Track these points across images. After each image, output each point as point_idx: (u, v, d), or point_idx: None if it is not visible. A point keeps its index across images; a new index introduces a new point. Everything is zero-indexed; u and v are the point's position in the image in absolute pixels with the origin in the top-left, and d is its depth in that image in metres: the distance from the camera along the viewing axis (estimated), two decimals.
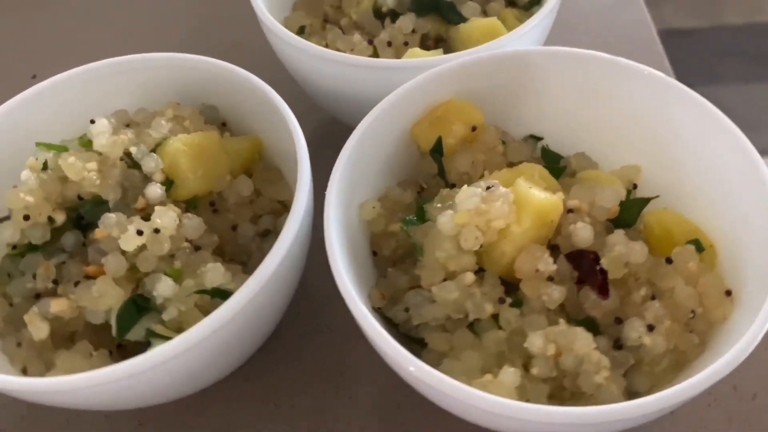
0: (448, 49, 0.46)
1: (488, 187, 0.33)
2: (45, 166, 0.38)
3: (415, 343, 0.35)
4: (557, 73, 0.40)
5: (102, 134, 0.37)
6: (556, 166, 0.40)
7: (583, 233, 0.34)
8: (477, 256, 0.34)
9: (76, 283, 0.35)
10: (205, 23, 0.66)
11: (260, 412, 0.41)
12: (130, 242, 0.34)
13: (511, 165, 0.40)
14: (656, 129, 0.39)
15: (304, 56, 0.43)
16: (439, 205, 0.35)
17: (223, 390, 0.40)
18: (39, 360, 0.35)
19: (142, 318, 0.35)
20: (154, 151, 0.38)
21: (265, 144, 0.42)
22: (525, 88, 0.41)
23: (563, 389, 0.32)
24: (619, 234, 0.34)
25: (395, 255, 0.38)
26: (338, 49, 0.46)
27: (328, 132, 0.53)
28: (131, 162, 0.38)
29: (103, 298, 0.34)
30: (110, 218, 0.35)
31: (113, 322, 0.34)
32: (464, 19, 0.46)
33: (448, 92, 0.40)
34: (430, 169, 0.39)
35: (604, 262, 0.33)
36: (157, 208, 0.35)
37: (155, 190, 0.36)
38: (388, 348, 0.30)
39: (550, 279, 0.33)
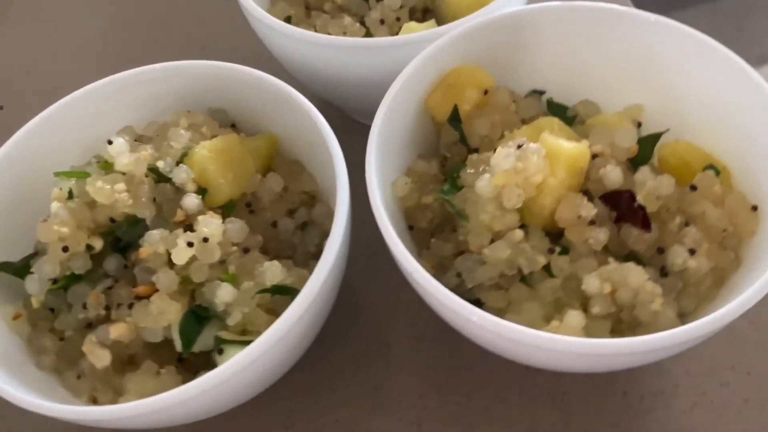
0: (438, 20, 0.47)
1: (519, 146, 0.35)
2: (70, 195, 0.37)
3: (471, 304, 0.37)
4: (552, 27, 0.42)
5: (122, 153, 0.37)
6: (570, 117, 0.41)
7: (613, 175, 0.35)
8: (518, 213, 0.35)
9: (130, 306, 0.35)
10: (181, 22, 0.65)
11: (319, 399, 0.42)
12: (181, 255, 0.34)
13: (524, 122, 0.41)
14: (650, 67, 0.41)
15: (301, 45, 0.43)
16: (471, 170, 0.36)
17: (280, 384, 0.41)
18: (107, 388, 0.35)
19: (204, 328, 0.35)
20: (180, 162, 0.37)
21: (280, 138, 0.43)
22: (524, 47, 0.42)
23: (621, 322, 0.34)
24: (645, 171, 0.36)
25: (432, 226, 0.39)
26: (329, 34, 0.46)
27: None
28: (157, 176, 0.38)
29: (163, 315, 0.34)
30: (154, 235, 0.35)
31: (176, 337, 0.35)
32: None
33: (454, 61, 0.41)
34: (451, 138, 0.40)
35: (640, 199, 0.35)
36: (200, 217, 0.35)
37: (192, 201, 0.36)
38: (454, 304, 0.31)
39: (592, 223, 0.34)
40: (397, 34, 0.45)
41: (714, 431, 0.39)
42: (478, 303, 0.36)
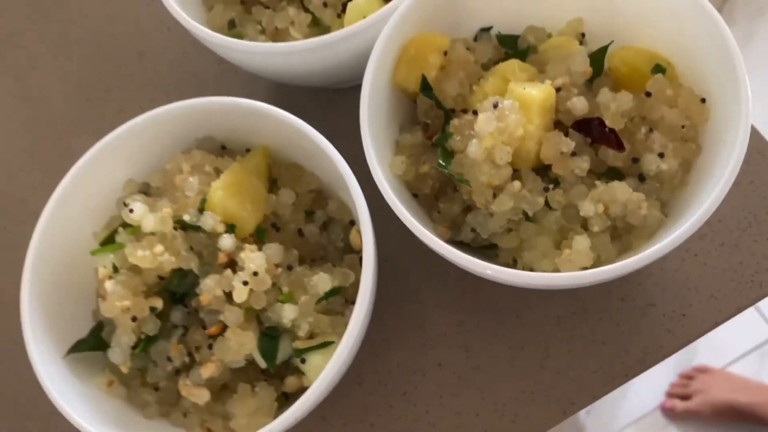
0: None
1: (495, 105, 0.39)
2: (115, 269, 0.40)
3: (489, 249, 0.42)
4: None
5: (146, 217, 0.40)
6: (523, 50, 0.45)
7: (579, 104, 0.40)
8: (509, 164, 0.40)
9: (210, 346, 0.40)
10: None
11: (376, 350, 0.48)
12: (241, 294, 0.38)
13: (484, 67, 0.45)
14: None
15: (253, 56, 0.45)
16: (458, 137, 0.41)
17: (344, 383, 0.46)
18: (214, 417, 0.41)
19: (279, 343, 0.40)
20: (201, 209, 0.41)
21: (271, 147, 0.45)
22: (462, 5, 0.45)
23: (617, 229, 0.40)
24: (605, 92, 0.40)
25: (434, 190, 0.43)
26: (277, 28, 0.47)
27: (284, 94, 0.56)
28: (181, 224, 0.41)
29: (242, 346, 0.39)
30: (209, 284, 0.39)
31: (258, 358, 0.40)
32: None
33: (408, 33, 0.43)
34: (427, 106, 0.43)
35: (608, 122, 0.39)
36: (242, 255, 0.39)
37: (227, 241, 0.40)
38: (471, 264, 0.37)
39: (573, 154, 0.39)
40: (342, 12, 0.47)
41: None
42: (493, 246, 0.42)
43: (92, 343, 0.42)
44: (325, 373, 0.36)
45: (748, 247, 0.48)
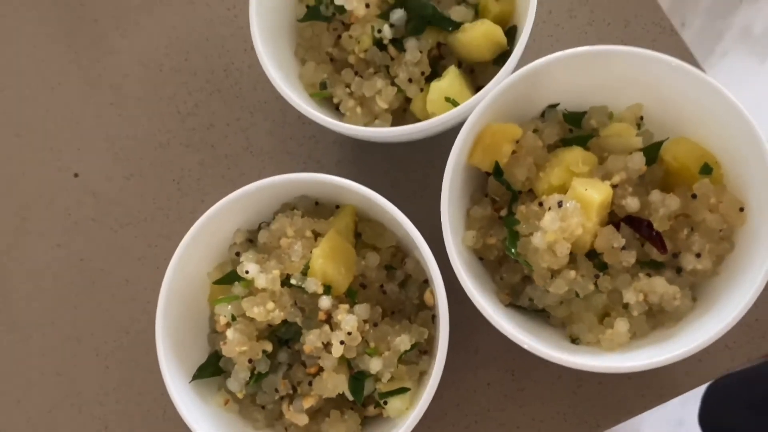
0: (452, 52, 0.53)
1: (559, 204, 0.45)
2: (233, 318, 0.49)
3: (542, 312, 0.50)
4: (563, 70, 0.49)
5: (259, 277, 0.48)
6: (584, 135, 0.50)
7: (632, 204, 0.46)
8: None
9: (310, 383, 0.49)
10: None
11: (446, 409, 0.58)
12: (338, 351, 0.47)
13: (549, 148, 0.50)
14: (646, 84, 0.49)
15: (349, 132, 0.51)
16: (524, 225, 0.47)
17: None
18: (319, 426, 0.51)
19: (365, 384, 0.49)
20: (305, 269, 0.49)
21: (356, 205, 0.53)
22: (538, 87, 0.50)
23: (651, 310, 0.48)
24: (656, 194, 0.46)
25: (498, 257, 0.51)
26: (363, 95, 0.53)
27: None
28: (287, 284, 0.49)
29: (336, 386, 0.48)
30: (312, 339, 0.47)
31: (347, 394, 0.49)
32: (457, 24, 0.52)
33: (486, 121, 0.49)
34: (497, 187, 0.50)
35: (656, 225, 0.46)
36: (339, 317, 0.47)
37: (326, 301, 0.48)
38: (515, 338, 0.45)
39: (622, 248, 0.46)
40: (425, 85, 0.52)
41: None
42: (546, 311, 0.50)
43: (212, 371, 0.51)
44: (410, 421, 0.46)
45: (765, 306, 0.55)
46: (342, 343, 0.47)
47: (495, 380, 0.58)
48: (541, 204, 0.47)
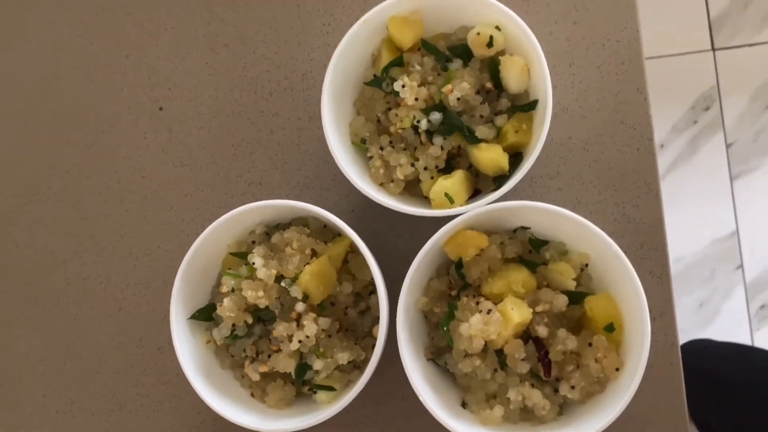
0: (467, 160, 0.66)
1: (488, 311, 0.60)
2: (232, 290, 0.66)
3: (451, 374, 0.66)
4: (532, 213, 0.62)
5: (261, 270, 0.64)
6: (536, 262, 0.64)
7: (542, 332, 0.60)
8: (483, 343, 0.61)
9: (269, 356, 0.66)
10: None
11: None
12: (296, 345, 0.63)
13: (507, 260, 0.64)
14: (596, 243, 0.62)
15: (363, 191, 0.65)
16: (460, 312, 0.62)
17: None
18: (258, 388, 0.68)
19: (306, 372, 0.66)
20: (295, 277, 0.64)
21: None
22: (513, 214, 0.63)
23: (525, 411, 0.62)
24: (562, 331, 0.60)
25: (437, 322, 0.65)
26: (388, 163, 0.66)
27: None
28: (279, 282, 0.65)
29: (286, 366, 0.65)
30: (280, 329, 0.64)
31: (293, 375, 0.66)
32: (479, 140, 0.64)
33: (464, 226, 0.62)
34: (455, 276, 0.64)
35: (551, 354, 0.60)
36: (305, 322, 0.63)
37: (301, 307, 0.64)
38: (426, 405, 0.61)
39: (522, 358, 0.61)
40: (436, 175, 0.65)
41: None
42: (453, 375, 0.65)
43: (205, 317, 0.68)
44: (328, 412, 0.62)
45: None
46: (300, 341, 0.63)
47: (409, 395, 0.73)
48: (478, 303, 0.61)
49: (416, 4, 0.66)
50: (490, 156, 0.63)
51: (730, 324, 1.86)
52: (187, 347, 0.67)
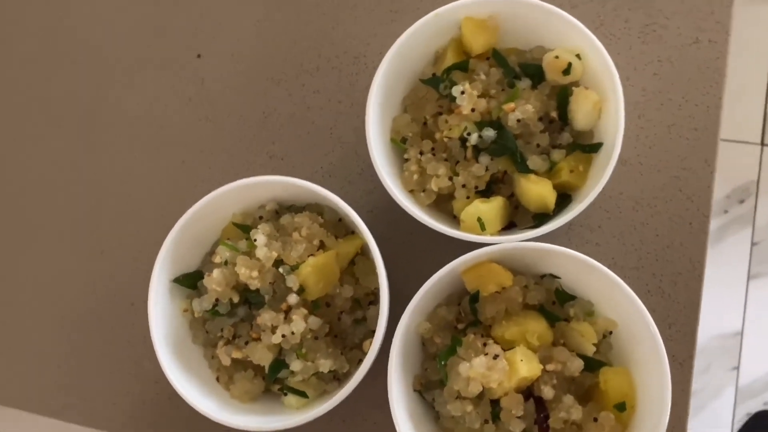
0: (510, 188, 0.60)
1: (495, 356, 0.54)
2: (225, 262, 0.60)
3: (436, 412, 0.59)
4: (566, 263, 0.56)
5: (261, 248, 0.58)
6: (558, 316, 0.58)
7: (547, 393, 0.54)
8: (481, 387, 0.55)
9: (246, 342, 0.60)
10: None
11: None
12: (278, 338, 0.57)
13: (527, 306, 0.58)
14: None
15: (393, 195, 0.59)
16: (463, 349, 0.56)
17: None
18: (226, 373, 0.62)
19: (281, 370, 0.60)
20: (295, 266, 0.58)
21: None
22: (542, 259, 0.57)
23: None
24: (569, 398, 0.54)
25: (435, 353, 0.59)
26: (424, 170, 0.61)
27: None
28: (278, 264, 0.59)
29: (262, 359, 0.59)
30: (265, 317, 0.58)
31: (267, 370, 0.60)
32: (529, 170, 0.58)
33: (488, 259, 0.57)
34: (467, 309, 0.58)
35: (551, 420, 0.54)
36: (294, 316, 0.57)
37: (294, 298, 0.58)
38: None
39: (519, 416, 0.55)
40: (472, 196, 0.59)
41: None
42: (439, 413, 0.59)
43: (190, 283, 0.63)
44: (294, 420, 0.56)
45: None
46: (284, 335, 0.57)
47: (383, 422, 0.67)
48: (485, 345, 0.55)
49: (496, 9, 0.61)
50: (537, 190, 0.57)
51: (711, 422, 1.80)
52: (161, 310, 0.61)
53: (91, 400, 0.73)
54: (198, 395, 0.59)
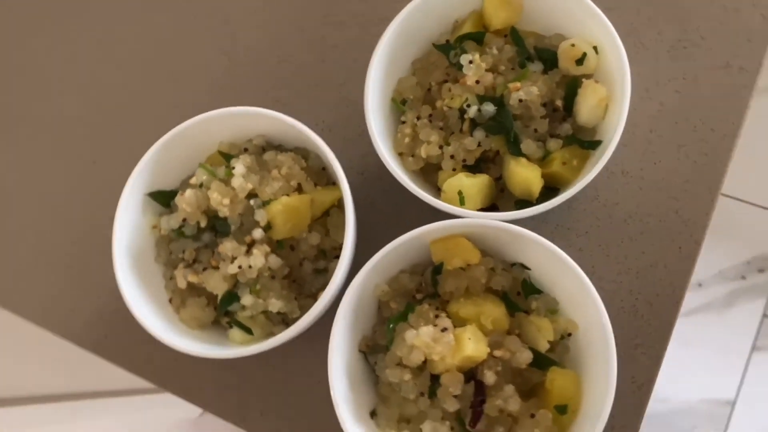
0: (499, 170, 0.58)
1: (443, 329, 0.52)
2: (201, 185, 0.59)
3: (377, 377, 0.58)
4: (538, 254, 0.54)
5: (238, 177, 0.58)
6: (518, 306, 0.56)
7: (488, 378, 0.52)
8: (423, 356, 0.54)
9: (205, 269, 0.59)
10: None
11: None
12: (234, 269, 0.56)
13: (490, 290, 0.56)
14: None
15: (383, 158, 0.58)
16: (413, 318, 0.54)
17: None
18: (179, 297, 0.61)
19: (233, 302, 0.59)
20: (267, 202, 0.57)
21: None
22: (519, 249, 0.55)
23: None
24: (509, 388, 0.52)
25: (387, 318, 0.58)
26: (417, 135, 0.59)
27: None
28: (251, 197, 0.58)
29: (216, 287, 0.58)
30: (228, 245, 0.57)
31: (219, 299, 0.59)
32: (521, 153, 0.57)
33: (461, 230, 0.55)
34: (428, 280, 0.57)
35: (486, 406, 0.52)
36: (256, 251, 0.56)
37: (259, 233, 0.57)
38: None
39: (455, 395, 0.53)
40: (456, 168, 0.58)
41: None
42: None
43: (164, 201, 0.62)
44: (234, 352, 0.55)
45: None
46: (240, 267, 0.56)
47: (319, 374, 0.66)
48: (437, 317, 0.54)
49: None
50: (525, 174, 0.56)
51: None
52: (130, 221, 0.61)
53: (51, 300, 0.72)
54: (147, 312, 0.59)
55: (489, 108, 0.57)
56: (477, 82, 0.57)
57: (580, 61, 0.57)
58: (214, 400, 0.67)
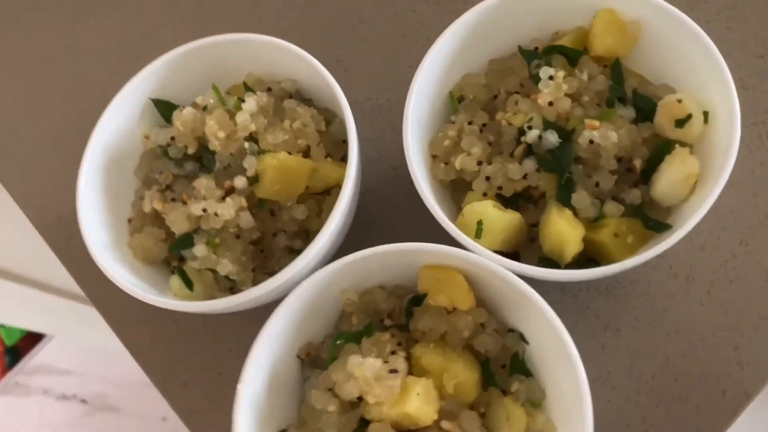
0: (537, 215, 0.47)
1: (392, 371, 0.42)
2: (205, 108, 0.51)
3: None
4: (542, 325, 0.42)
5: (244, 113, 0.49)
6: (495, 382, 0.45)
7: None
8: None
9: (173, 199, 0.51)
10: None
11: None
12: (198, 210, 0.48)
13: (469, 348, 0.45)
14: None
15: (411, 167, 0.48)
16: (366, 346, 0.44)
17: None
18: (140, 220, 0.53)
19: (188, 249, 0.51)
20: (263, 152, 0.49)
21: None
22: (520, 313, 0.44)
23: None
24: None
25: (347, 330, 0.48)
26: (458, 142, 0.49)
27: None
28: (248, 140, 0.50)
29: (174, 224, 0.50)
30: (203, 182, 0.49)
31: (174, 239, 0.51)
32: (569, 204, 0.45)
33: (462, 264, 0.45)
34: (405, 309, 0.46)
35: None
36: (227, 199, 0.48)
37: (242, 182, 0.49)
38: None
39: None
40: (487, 193, 0.47)
41: None
42: None
43: (165, 113, 0.55)
44: (170, 303, 0.47)
45: None
46: (205, 210, 0.48)
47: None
48: (393, 353, 0.43)
49: (645, 16, 0.48)
50: (563, 229, 0.44)
51: None
52: (123, 119, 0.55)
53: (26, 178, 0.67)
54: (96, 219, 0.52)
55: (552, 138, 0.46)
56: (550, 103, 0.46)
57: (681, 123, 0.45)
58: (143, 349, 0.59)
